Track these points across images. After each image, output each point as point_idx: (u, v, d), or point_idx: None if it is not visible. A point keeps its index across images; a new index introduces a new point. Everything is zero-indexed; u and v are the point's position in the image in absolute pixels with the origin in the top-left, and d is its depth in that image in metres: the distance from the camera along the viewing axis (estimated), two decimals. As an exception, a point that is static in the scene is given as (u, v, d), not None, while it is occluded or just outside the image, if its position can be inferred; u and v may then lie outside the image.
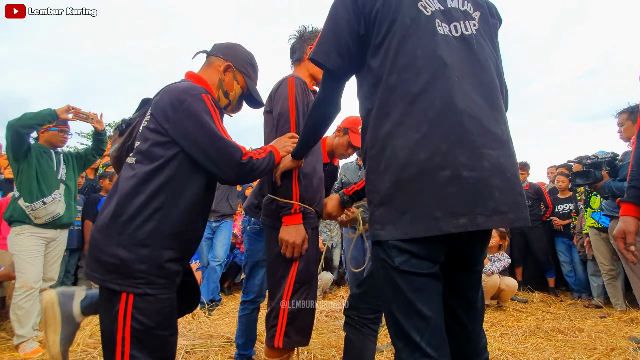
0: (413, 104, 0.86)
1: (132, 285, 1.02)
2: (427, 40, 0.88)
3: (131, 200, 1.05)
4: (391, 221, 0.86)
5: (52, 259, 2.59)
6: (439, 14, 0.92)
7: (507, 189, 0.84)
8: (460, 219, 0.81)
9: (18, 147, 2.37)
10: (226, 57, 1.31)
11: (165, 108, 1.10)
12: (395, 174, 0.85)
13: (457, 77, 0.86)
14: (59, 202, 2.54)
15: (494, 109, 0.89)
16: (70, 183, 2.72)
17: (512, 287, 3.71)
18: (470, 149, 0.83)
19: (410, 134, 0.85)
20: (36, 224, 2.45)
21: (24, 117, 2.35)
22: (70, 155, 2.85)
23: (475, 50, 0.92)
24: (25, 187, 2.43)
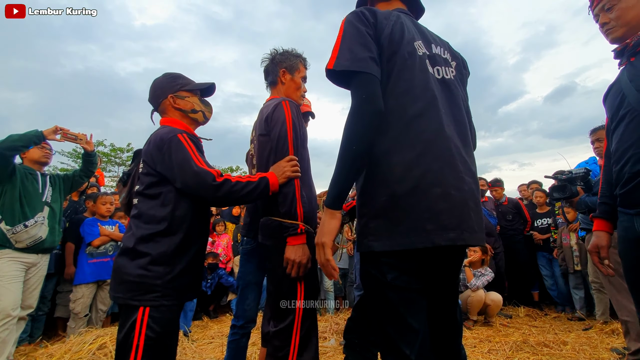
0: (409, 126, 0.93)
1: (150, 299, 1.21)
2: (421, 74, 0.99)
3: (143, 233, 1.26)
4: (386, 233, 0.90)
5: (32, 286, 2.49)
6: (426, 56, 1.04)
7: (477, 211, 0.96)
8: (450, 233, 0.88)
9: (2, 169, 2.33)
10: (164, 94, 1.47)
11: (152, 153, 1.32)
12: (391, 188, 0.91)
13: (444, 110, 0.98)
14: (41, 225, 2.48)
15: (465, 144, 1.02)
16: (55, 205, 2.66)
17: (497, 301, 3.77)
18: (456, 171, 0.93)
19: (406, 152, 0.92)
20: (17, 248, 2.36)
21: (8, 139, 2.31)
22: (58, 177, 2.80)
23: (453, 92, 1.05)
24: (8, 209, 2.36)
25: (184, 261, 1.30)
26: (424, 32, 1.11)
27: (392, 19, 1.03)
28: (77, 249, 3.17)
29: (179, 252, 1.28)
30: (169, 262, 1.26)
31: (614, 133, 1.31)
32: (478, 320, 3.82)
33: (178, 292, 1.28)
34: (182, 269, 1.29)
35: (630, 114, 1.22)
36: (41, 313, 2.97)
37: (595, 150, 2.67)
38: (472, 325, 3.67)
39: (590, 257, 2.37)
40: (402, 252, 0.89)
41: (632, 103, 1.21)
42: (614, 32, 1.28)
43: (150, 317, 1.19)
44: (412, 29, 1.07)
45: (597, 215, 1.47)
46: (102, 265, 3.15)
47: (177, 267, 1.27)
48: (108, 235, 3.27)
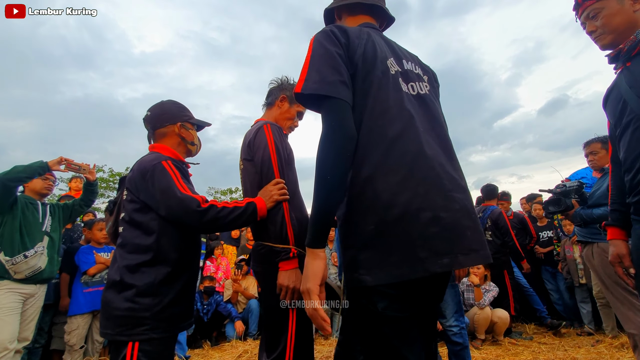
0: (390, 149, 0.89)
1: (138, 334, 1.17)
2: (395, 93, 0.96)
3: (128, 262, 1.23)
4: (377, 265, 0.84)
5: (29, 317, 2.45)
6: (400, 74, 1.02)
7: (475, 228, 0.90)
8: (443, 259, 0.83)
9: (4, 200, 2.34)
10: (173, 120, 1.51)
11: (136, 180, 1.31)
12: (378, 215, 0.85)
13: (422, 129, 0.94)
14: (41, 255, 2.47)
15: (451, 158, 0.98)
16: (54, 235, 2.66)
17: (504, 319, 3.69)
18: (443, 191, 0.88)
19: (391, 176, 0.87)
20: (15, 279, 2.34)
21: (13, 171, 2.33)
22: (58, 206, 2.81)
23: (430, 107, 1.02)
24: (7, 240, 2.36)
25: (174, 291, 1.26)
26: (395, 48, 1.09)
27: (363, 37, 1.00)
28: (72, 279, 3.11)
29: (167, 282, 1.25)
30: (157, 292, 1.22)
31: (620, 140, 1.29)
32: (486, 339, 3.72)
33: (169, 324, 1.23)
34: (172, 299, 1.25)
35: (635, 121, 1.21)
36: (38, 346, 2.89)
37: (590, 162, 2.68)
38: (480, 344, 3.58)
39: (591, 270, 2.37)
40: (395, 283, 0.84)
41: (636, 110, 1.20)
42: (602, 39, 1.28)
43: (140, 351, 1.16)
44: (384, 46, 1.04)
45: (610, 224, 1.43)
46: (97, 294, 3.07)
47: (167, 298, 1.23)
48: (104, 263, 3.22)
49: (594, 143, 2.65)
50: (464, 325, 2.31)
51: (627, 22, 1.23)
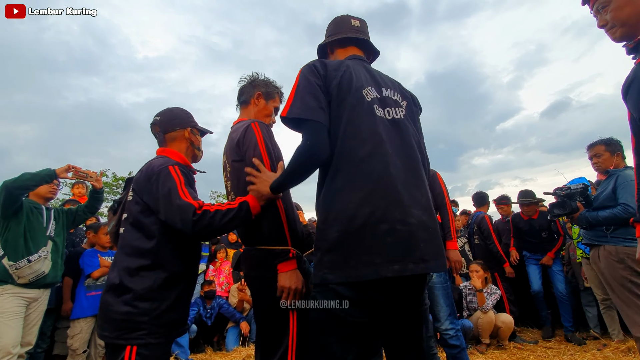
0: (359, 167, 1.04)
1: (136, 338, 1.17)
2: (369, 118, 1.10)
3: (128, 265, 1.24)
4: (339, 266, 0.98)
5: (32, 321, 2.45)
6: (377, 100, 1.16)
7: (430, 241, 1.03)
8: (394, 265, 0.96)
9: (9, 206, 2.35)
10: (184, 125, 1.55)
11: (141, 182, 1.33)
12: (343, 224, 1.00)
13: (391, 151, 1.08)
14: (45, 259, 2.47)
15: (416, 178, 1.11)
16: (58, 239, 2.66)
17: (508, 323, 3.66)
18: (402, 207, 1.01)
19: (357, 191, 1.02)
20: (19, 283, 2.34)
21: (21, 179, 2.33)
22: (62, 211, 2.81)
23: (403, 131, 1.16)
24: (11, 245, 2.36)
25: (172, 296, 1.26)
26: (376, 77, 1.23)
27: (342, 69, 1.16)
28: (75, 283, 3.10)
29: (166, 287, 1.25)
30: (156, 297, 1.22)
31: None
32: (491, 344, 3.69)
33: (166, 329, 1.24)
34: (170, 304, 1.25)
35: None
36: (40, 350, 2.87)
37: (594, 165, 2.66)
38: (485, 349, 3.54)
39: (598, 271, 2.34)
40: (353, 283, 0.97)
41: None
42: (614, 32, 1.26)
43: (138, 355, 1.16)
44: (363, 76, 1.19)
45: (638, 219, 1.41)
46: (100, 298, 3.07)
47: (165, 303, 1.24)
48: (108, 267, 3.22)
49: (597, 145, 2.64)
50: (459, 327, 2.30)
51: (638, 13, 1.18)
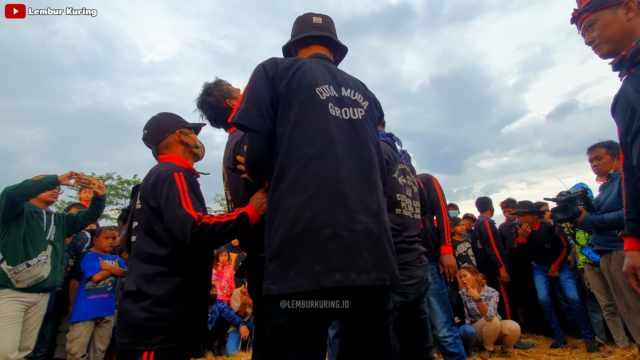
0: (305, 168, 0.99)
1: (156, 343, 1.18)
2: (320, 117, 1.07)
3: (144, 272, 1.25)
4: (280, 275, 0.92)
5: (30, 326, 2.45)
6: (334, 99, 1.13)
7: (373, 250, 0.96)
8: (336, 275, 0.89)
9: (10, 212, 2.36)
10: (171, 129, 1.53)
11: (148, 188, 1.33)
12: (285, 229, 0.94)
13: (342, 152, 1.03)
14: (44, 264, 2.47)
15: (368, 181, 1.06)
16: (58, 244, 2.67)
17: (515, 331, 3.58)
18: (349, 212, 0.95)
19: (300, 194, 0.96)
20: (17, 288, 2.34)
21: (23, 185, 2.34)
22: (62, 216, 2.83)
23: (359, 132, 1.12)
24: (10, 249, 2.37)
25: (189, 300, 1.27)
26: (336, 76, 1.20)
27: (294, 67, 1.12)
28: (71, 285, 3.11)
29: (183, 291, 1.26)
30: (174, 302, 1.23)
31: (632, 146, 1.30)
32: (495, 351, 3.62)
33: (185, 333, 1.25)
34: (187, 308, 1.26)
35: None
36: (39, 355, 2.88)
37: (594, 168, 2.61)
38: (488, 356, 3.48)
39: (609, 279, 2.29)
40: (299, 294, 0.89)
41: None
42: (600, 49, 1.32)
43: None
44: (321, 74, 1.15)
45: (626, 234, 1.41)
46: (100, 301, 3.08)
47: (183, 307, 1.25)
48: (109, 270, 3.22)
49: (598, 148, 2.59)
50: (458, 334, 2.26)
51: (623, 31, 1.26)
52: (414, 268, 1.56)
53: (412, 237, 1.63)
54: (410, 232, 1.63)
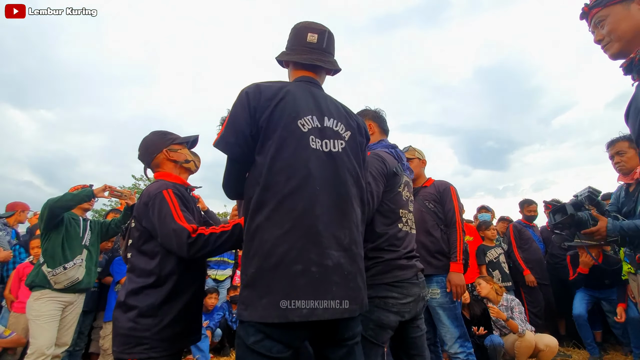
0: (282, 203, 1.03)
1: (138, 352, 1.26)
2: (300, 151, 1.08)
3: (134, 286, 1.33)
4: (252, 304, 0.99)
5: (67, 323, 2.71)
6: (315, 131, 1.13)
7: (343, 284, 1.02)
8: (303, 310, 0.95)
9: (51, 222, 2.62)
10: (158, 149, 1.58)
11: (140, 208, 1.40)
12: (259, 262, 1.00)
13: (319, 187, 1.06)
14: (79, 267, 2.71)
15: (342, 216, 1.09)
16: (92, 249, 2.90)
17: (552, 347, 3.28)
18: (320, 248, 1.01)
19: (276, 229, 1.01)
20: (55, 288, 2.60)
21: (63, 199, 2.60)
22: (97, 222, 3.08)
23: (338, 166, 1.13)
24: (50, 253, 2.63)
25: (174, 311, 1.34)
26: (320, 105, 1.18)
27: (277, 97, 1.11)
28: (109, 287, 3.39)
29: (167, 302, 1.33)
30: (157, 313, 1.30)
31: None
32: (528, 366, 3.36)
33: (169, 343, 1.32)
34: (172, 319, 1.33)
35: None
36: (78, 349, 3.18)
37: (616, 165, 2.25)
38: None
39: None
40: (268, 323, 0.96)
41: None
42: (610, 48, 1.21)
43: None
44: (305, 103, 1.14)
45: None
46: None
47: (167, 318, 1.31)
48: None
49: (620, 142, 2.23)
50: (472, 350, 2.12)
51: (635, 28, 1.16)
52: (410, 286, 1.49)
53: (410, 253, 1.58)
54: (408, 247, 1.58)
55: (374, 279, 1.46)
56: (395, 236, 1.53)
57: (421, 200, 2.43)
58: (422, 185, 2.53)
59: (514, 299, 3.54)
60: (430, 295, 2.20)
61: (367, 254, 1.49)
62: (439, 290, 2.19)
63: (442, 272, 2.22)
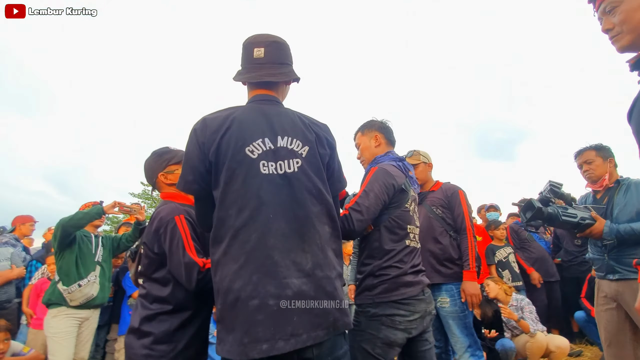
0: (235, 237, 1.03)
1: None
2: (250, 180, 1.06)
3: (148, 312, 1.34)
4: (223, 339, 1.01)
5: (84, 339, 2.78)
6: (268, 154, 1.10)
7: (306, 311, 1.00)
8: (263, 345, 0.94)
9: (64, 241, 2.69)
10: (155, 174, 1.59)
11: (151, 234, 1.38)
12: (222, 299, 1.02)
13: (273, 215, 1.04)
14: (93, 284, 2.78)
15: (303, 239, 1.06)
16: (105, 264, 2.96)
17: (563, 348, 3.27)
18: (278, 279, 0.99)
19: (232, 263, 1.01)
20: (71, 305, 2.66)
21: (74, 218, 2.67)
22: (109, 238, 3.14)
23: (294, 187, 1.09)
24: (65, 271, 2.70)
25: (187, 335, 1.36)
26: (273, 124, 1.14)
27: (223, 128, 1.09)
28: (122, 301, 3.45)
29: (181, 328, 1.34)
30: (172, 339, 1.32)
31: None
32: (540, 367, 3.34)
33: None
34: (185, 343, 1.34)
35: None
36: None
37: (585, 173, 2.27)
38: (532, 375, 3.22)
39: None
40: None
41: None
42: (619, 39, 1.07)
43: None
44: (254, 126, 1.11)
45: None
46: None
47: (181, 343, 1.33)
48: None
49: (587, 151, 2.27)
50: (483, 358, 2.11)
51: None
52: (417, 302, 1.50)
53: (416, 267, 1.58)
54: (414, 262, 1.58)
55: (381, 297, 1.47)
56: (402, 253, 1.53)
57: (428, 206, 2.37)
58: (430, 190, 2.45)
59: (523, 298, 3.52)
60: (439, 304, 2.19)
61: (373, 272, 1.51)
62: (449, 299, 2.17)
63: (451, 281, 2.20)
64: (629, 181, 2.15)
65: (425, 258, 2.22)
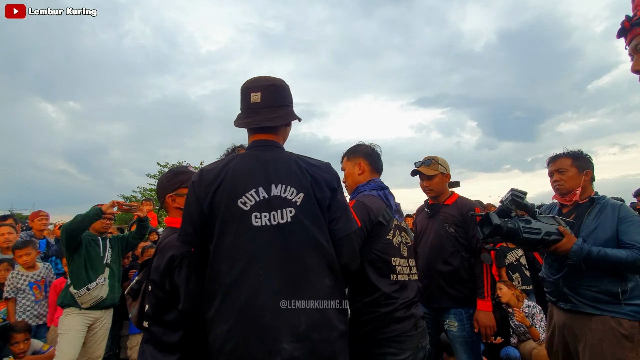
0: (227, 295, 1.00)
1: None
2: (241, 234, 1.03)
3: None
4: None
5: (99, 338, 2.89)
6: (263, 204, 1.05)
7: None
8: None
9: (71, 244, 2.75)
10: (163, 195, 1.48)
11: (160, 269, 1.24)
12: (214, 357, 1.00)
13: (264, 270, 1.00)
14: (102, 286, 2.84)
15: (298, 297, 1.00)
16: (114, 266, 3.03)
17: (570, 355, 3.24)
18: (267, 343, 0.94)
19: (223, 323, 0.98)
20: (83, 307, 2.75)
21: (75, 221, 2.70)
22: (117, 239, 3.19)
23: (288, 239, 1.04)
24: (75, 275, 2.77)
25: None
26: (269, 172, 1.10)
27: (216, 182, 1.07)
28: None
29: None
30: None
31: None
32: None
33: None
34: None
35: None
36: (111, 353, 3.41)
37: (555, 183, 1.98)
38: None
39: None
40: None
41: None
42: None
43: None
44: (248, 176, 1.08)
45: None
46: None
47: None
48: None
49: (562, 158, 1.96)
50: None
51: None
52: (408, 339, 1.44)
53: (408, 301, 1.50)
54: (406, 295, 1.51)
55: (371, 335, 1.42)
56: (391, 288, 1.47)
57: (441, 222, 2.18)
58: (444, 203, 2.24)
59: (535, 305, 3.45)
60: (446, 326, 2.14)
61: (362, 309, 1.45)
62: (457, 324, 2.11)
63: (460, 305, 2.10)
64: (604, 201, 1.86)
65: (434, 279, 2.13)
